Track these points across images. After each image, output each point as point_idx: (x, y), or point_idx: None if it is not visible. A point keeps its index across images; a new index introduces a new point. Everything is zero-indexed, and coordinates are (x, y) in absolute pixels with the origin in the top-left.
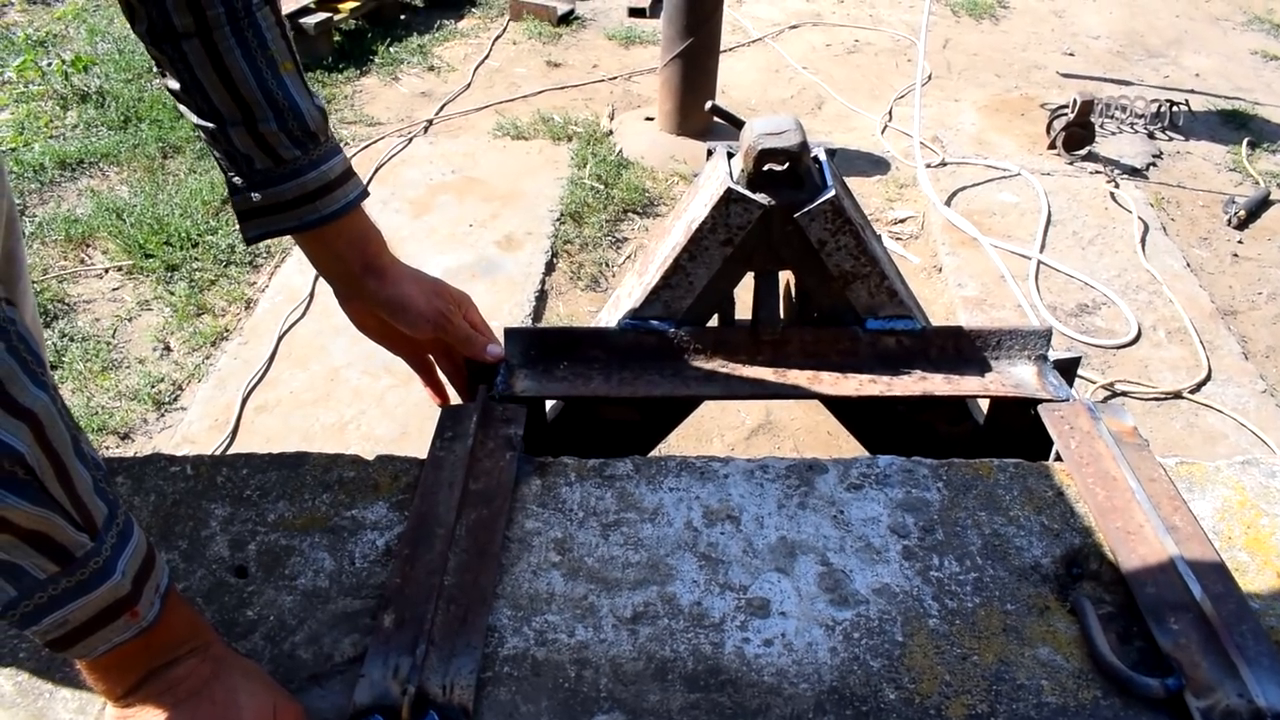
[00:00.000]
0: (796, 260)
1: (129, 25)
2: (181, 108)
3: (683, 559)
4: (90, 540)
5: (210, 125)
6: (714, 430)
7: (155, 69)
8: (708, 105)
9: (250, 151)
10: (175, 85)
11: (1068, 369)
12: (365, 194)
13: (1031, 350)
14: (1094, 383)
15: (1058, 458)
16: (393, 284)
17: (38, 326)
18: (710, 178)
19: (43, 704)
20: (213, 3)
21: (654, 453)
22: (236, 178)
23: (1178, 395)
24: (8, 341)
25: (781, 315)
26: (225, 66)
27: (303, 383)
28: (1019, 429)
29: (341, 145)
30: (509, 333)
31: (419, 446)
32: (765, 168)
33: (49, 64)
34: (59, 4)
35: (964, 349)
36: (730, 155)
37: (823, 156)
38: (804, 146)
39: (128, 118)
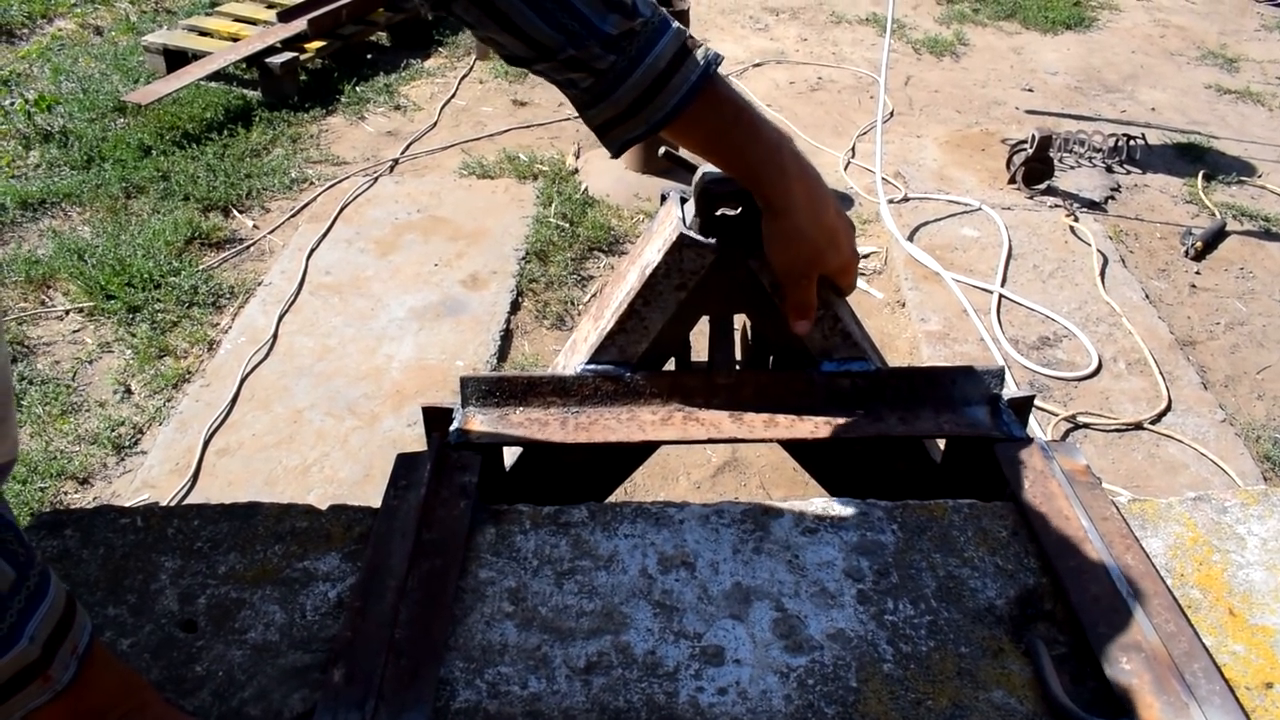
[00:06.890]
0: (750, 304)
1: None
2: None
3: (637, 607)
4: None
5: (520, 68)
6: (680, 469)
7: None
8: (661, 151)
9: (568, 77)
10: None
11: (1022, 407)
12: (710, 70)
13: (986, 389)
14: (1056, 415)
15: (1012, 497)
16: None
17: (7, 370)
18: (664, 223)
19: None
20: None
21: (614, 496)
22: (576, 101)
23: (1139, 426)
24: None
25: (738, 358)
26: (499, 11)
27: (265, 425)
28: (976, 467)
29: (651, 33)
30: (464, 380)
31: (382, 489)
32: (719, 212)
33: (11, 103)
34: (23, 43)
35: (919, 389)
36: (684, 200)
37: None
38: None
39: (91, 157)
